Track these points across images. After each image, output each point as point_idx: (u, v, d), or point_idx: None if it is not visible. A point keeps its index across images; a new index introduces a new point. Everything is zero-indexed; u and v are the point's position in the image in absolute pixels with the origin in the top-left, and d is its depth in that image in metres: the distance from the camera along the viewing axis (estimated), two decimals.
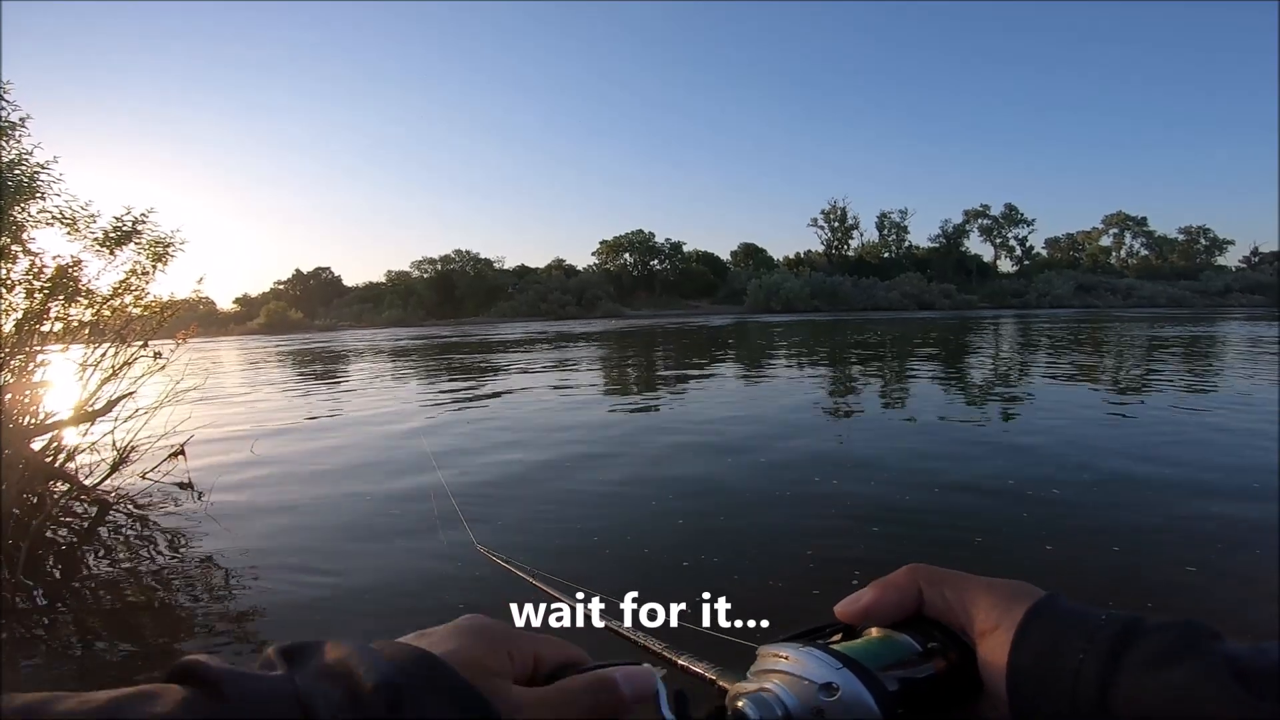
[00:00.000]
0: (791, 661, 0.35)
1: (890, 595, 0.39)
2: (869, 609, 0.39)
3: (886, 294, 66.19)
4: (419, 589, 3.26)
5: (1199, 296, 64.54)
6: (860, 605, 0.39)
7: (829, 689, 0.33)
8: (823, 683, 0.34)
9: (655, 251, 77.50)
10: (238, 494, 5.03)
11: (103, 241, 4.91)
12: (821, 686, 0.34)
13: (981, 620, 0.36)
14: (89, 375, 4.88)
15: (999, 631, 0.35)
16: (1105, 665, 0.31)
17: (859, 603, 0.40)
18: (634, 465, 5.49)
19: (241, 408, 10.22)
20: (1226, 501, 4.13)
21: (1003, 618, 0.35)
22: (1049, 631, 0.34)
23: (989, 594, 0.37)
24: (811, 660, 0.35)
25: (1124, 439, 6.04)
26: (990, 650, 0.35)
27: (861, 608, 0.39)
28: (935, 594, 0.39)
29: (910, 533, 3.80)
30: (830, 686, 0.33)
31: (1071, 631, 0.33)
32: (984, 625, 0.36)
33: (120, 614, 3.24)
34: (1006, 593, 0.37)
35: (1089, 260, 79.56)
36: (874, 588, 0.40)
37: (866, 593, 0.40)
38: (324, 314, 71.76)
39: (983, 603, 0.37)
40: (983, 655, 0.36)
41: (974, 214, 79.30)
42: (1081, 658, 0.32)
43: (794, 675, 0.35)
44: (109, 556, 3.98)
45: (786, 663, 0.36)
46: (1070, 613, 0.35)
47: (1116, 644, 0.32)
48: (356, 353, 24.50)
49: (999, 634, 0.35)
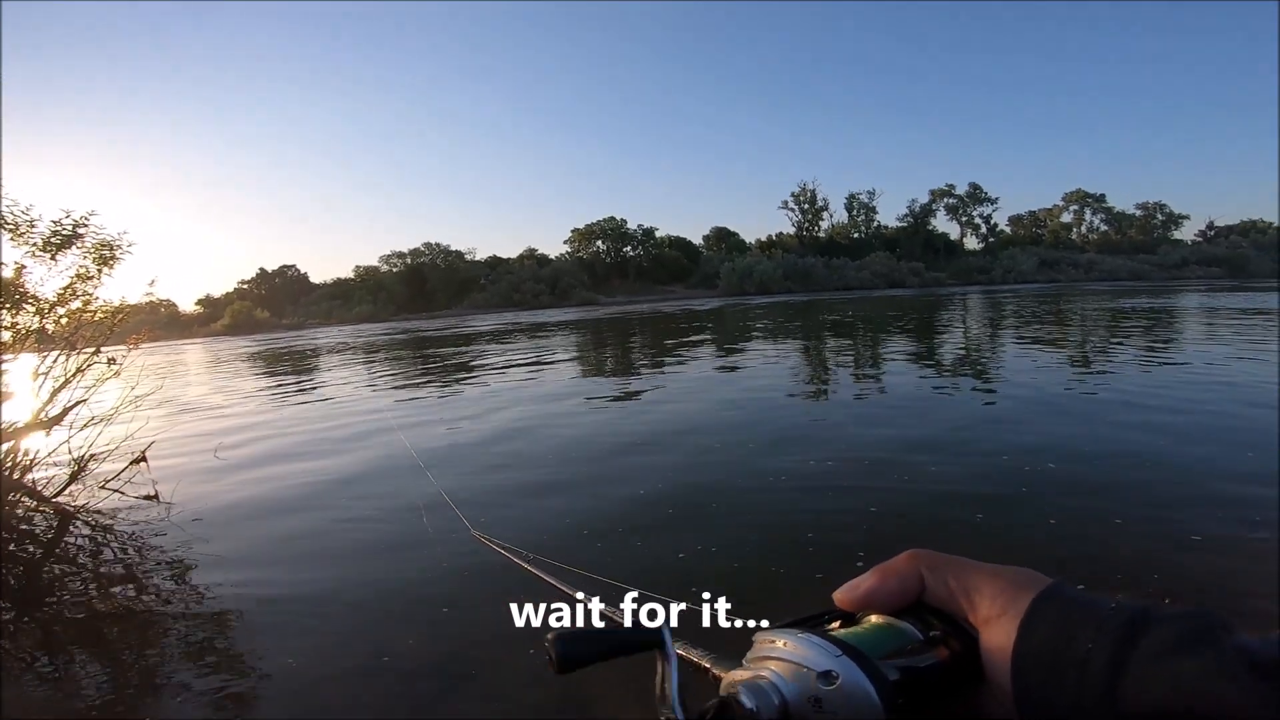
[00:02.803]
0: (789, 649, 0.34)
1: (891, 581, 0.38)
2: (869, 595, 0.38)
3: (857, 274, 66.83)
4: (409, 584, 3.20)
5: (1158, 270, 66.28)
6: (860, 591, 0.38)
7: (828, 677, 0.32)
8: (821, 671, 0.33)
9: (628, 238, 77.05)
10: (204, 499, 4.90)
11: (43, 247, 4.67)
12: (820, 675, 0.33)
13: (985, 608, 0.35)
14: (40, 383, 4.66)
15: (1004, 619, 0.34)
16: (1115, 655, 0.30)
17: (859, 589, 0.38)
18: (628, 455, 5.45)
19: (204, 411, 9.95)
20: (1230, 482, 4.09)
21: (1008, 605, 0.34)
22: (1056, 620, 0.33)
23: (993, 581, 0.36)
24: (810, 647, 0.34)
25: (1119, 410, 6.12)
26: (994, 638, 0.34)
27: (861, 594, 0.38)
28: (937, 580, 0.37)
29: (911, 513, 3.75)
30: (829, 675, 0.32)
31: (1079, 620, 0.32)
32: (988, 613, 0.35)
33: (89, 625, 3.15)
34: (1011, 580, 0.35)
35: (1050, 237, 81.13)
36: (874, 573, 0.39)
37: (866, 579, 0.39)
38: (292, 312, 70.00)
39: (987, 590, 0.35)
40: (986, 643, 0.35)
41: (940, 193, 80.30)
42: (1090, 647, 0.31)
43: (792, 663, 0.34)
44: (74, 568, 3.87)
45: (784, 650, 0.35)
46: (1077, 601, 0.33)
47: (1126, 633, 0.31)
48: (326, 350, 24.00)
49: (1004, 622, 0.34)
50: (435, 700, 2.32)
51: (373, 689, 2.40)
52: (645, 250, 77.28)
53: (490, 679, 2.40)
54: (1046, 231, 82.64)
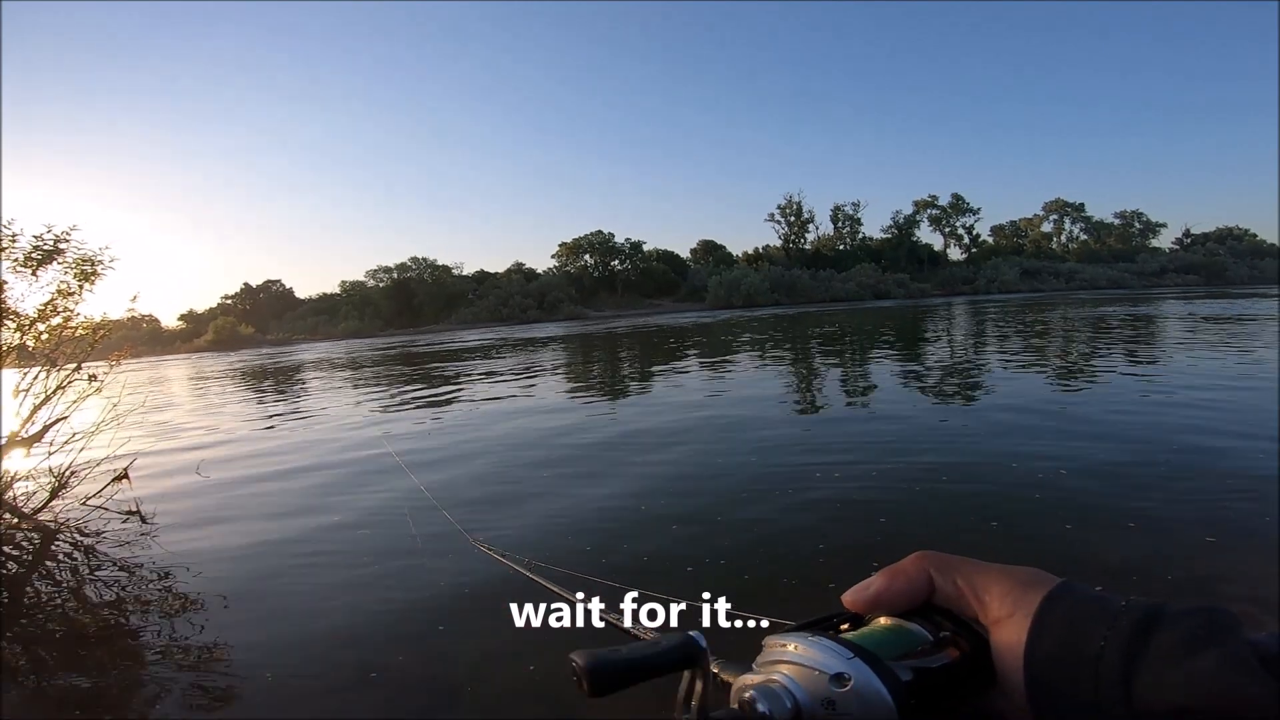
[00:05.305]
0: (800, 652, 0.34)
1: (900, 583, 0.38)
2: (878, 597, 0.38)
3: (844, 285, 67.51)
4: (400, 596, 3.16)
5: (1137, 278, 67.59)
6: (869, 593, 0.38)
7: (840, 679, 0.32)
8: (834, 673, 0.33)
9: (615, 251, 77.25)
10: (187, 516, 4.85)
11: (24, 262, 4.62)
12: (833, 677, 0.33)
13: (995, 608, 0.35)
14: (21, 401, 4.59)
15: (1015, 619, 0.34)
16: (1128, 653, 0.30)
17: (867, 591, 0.38)
18: (628, 465, 5.42)
19: (187, 428, 9.80)
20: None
21: (1018, 605, 0.34)
22: (1067, 618, 0.33)
23: (1002, 580, 0.35)
24: (821, 650, 0.34)
25: (1126, 413, 6.21)
26: (1005, 638, 0.34)
27: (870, 596, 0.38)
28: (946, 581, 0.37)
29: (920, 520, 3.76)
30: (841, 677, 0.32)
31: (1091, 618, 0.32)
32: (998, 613, 0.35)
33: (71, 641, 3.10)
34: (1021, 579, 0.35)
35: (1031, 246, 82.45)
36: (883, 575, 0.38)
37: (875, 580, 0.38)
38: (277, 328, 69.38)
39: (996, 590, 0.35)
40: (997, 643, 0.35)
41: (923, 204, 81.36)
42: (1103, 645, 0.31)
43: (803, 666, 0.34)
44: (57, 585, 3.81)
45: (795, 653, 0.34)
46: (1088, 599, 0.33)
47: (1139, 631, 0.30)
48: (311, 365, 23.78)
49: (1015, 621, 0.34)
50: (424, 713, 2.29)
51: (362, 703, 2.37)
52: (633, 264, 77.49)
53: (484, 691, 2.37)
54: (1028, 241, 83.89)
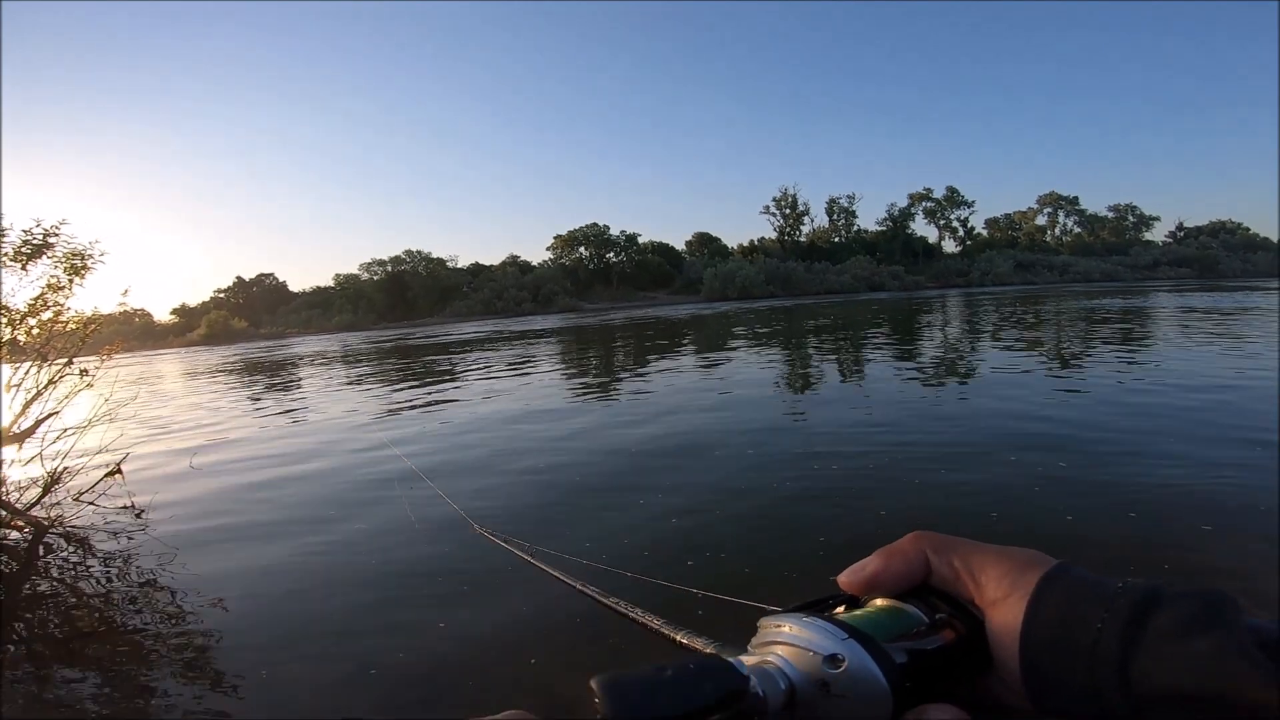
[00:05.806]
0: (794, 633, 0.34)
1: (896, 564, 0.37)
2: (874, 578, 0.37)
3: (839, 278, 67.70)
4: (398, 589, 3.18)
5: (1130, 271, 67.93)
6: (864, 574, 0.38)
7: (834, 660, 0.32)
8: (828, 654, 0.32)
9: (610, 244, 77.11)
10: (180, 509, 4.83)
11: (13, 257, 4.62)
12: (827, 658, 0.32)
13: (992, 589, 0.35)
14: (12, 396, 4.60)
15: (1011, 600, 0.34)
16: (1125, 635, 0.30)
17: (863, 572, 0.38)
18: (625, 455, 5.46)
19: (180, 422, 9.79)
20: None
21: (1015, 586, 0.34)
22: (1064, 600, 0.32)
23: (999, 562, 0.35)
24: (816, 631, 0.33)
25: (1121, 406, 6.18)
26: (1002, 620, 0.34)
27: (866, 577, 0.38)
28: (942, 562, 0.37)
29: (920, 508, 3.77)
30: (836, 658, 0.32)
31: (1088, 600, 0.32)
32: (995, 594, 0.34)
33: (65, 638, 3.09)
34: (1018, 560, 0.35)
35: (1026, 239, 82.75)
36: (878, 556, 0.38)
37: (871, 561, 0.38)
38: (270, 321, 69.15)
39: (993, 571, 0.35)
40: (993, 625, 0.34)
41: (918, 197, 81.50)
42: (1100, 627, 0.30)
43: (798, 647, 0.33)
44: (49, 580, 3.79)
45: (789, 634, 0.34)
46: (1086, 581, 0.33)
47: (1137, 613, 0.30)
48: (305, 359, 23.72)
49: (1011, 603, 0.34)
50: (423, 709, 2.31)
51: (360, 698, 2.37)
52: (628, 256, 77.39)
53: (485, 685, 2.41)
54: (1022, 234, 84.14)
